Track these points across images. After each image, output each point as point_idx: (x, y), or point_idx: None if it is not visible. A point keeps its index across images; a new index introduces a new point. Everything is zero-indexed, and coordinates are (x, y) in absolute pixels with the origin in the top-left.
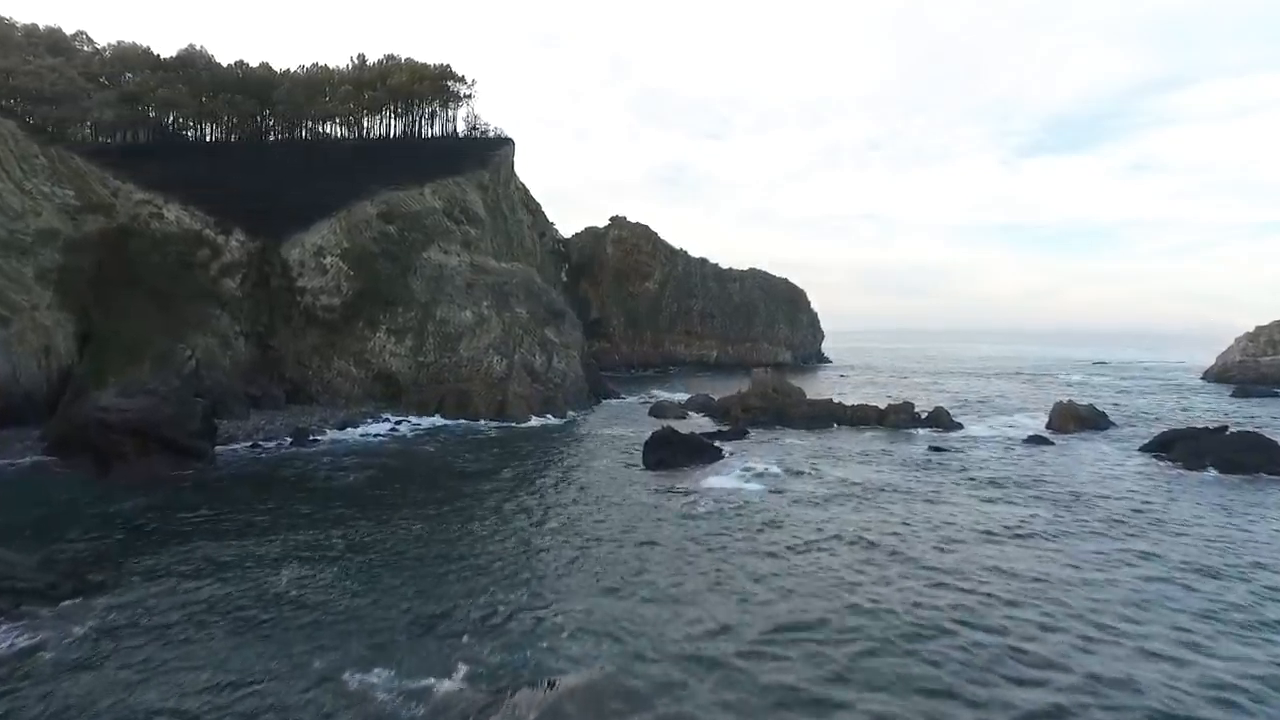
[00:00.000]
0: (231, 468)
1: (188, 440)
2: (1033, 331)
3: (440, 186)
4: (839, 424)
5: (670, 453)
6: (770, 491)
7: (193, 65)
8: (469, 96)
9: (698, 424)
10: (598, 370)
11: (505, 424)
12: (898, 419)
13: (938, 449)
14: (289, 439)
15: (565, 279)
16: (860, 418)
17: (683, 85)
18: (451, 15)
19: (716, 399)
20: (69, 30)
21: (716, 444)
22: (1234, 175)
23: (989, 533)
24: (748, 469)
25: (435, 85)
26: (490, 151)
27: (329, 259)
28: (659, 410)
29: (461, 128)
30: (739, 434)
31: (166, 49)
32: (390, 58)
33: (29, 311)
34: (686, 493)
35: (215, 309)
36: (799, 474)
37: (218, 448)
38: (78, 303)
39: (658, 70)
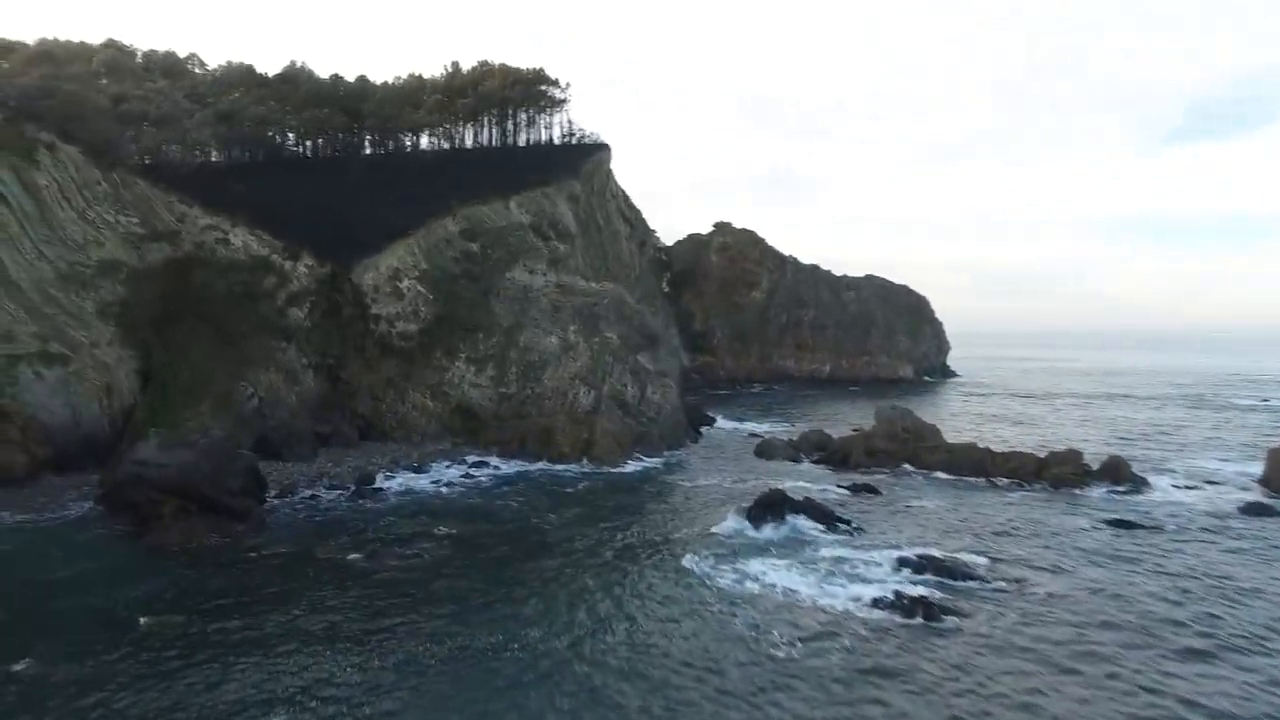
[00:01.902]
0: (276, 533)
1: (228, 500)
2: (1174, 336)
3: (527, 199)
4: (986, 477)
5: (778, 524)
6: (911, 609)
7: (293, 81)
8: (564, 101)
9: (811, 474)
10: (703, 386)
11: (594, 471)
12: (1062, 473)
13: (1124, 524)
14: (352, 486)
15: (666, 289)
16: (1013, 470)
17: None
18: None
19: (835, 438)
20: (183, 54)
21: (837, 512)
22: None
23: None
24: (874, 564)
25: (529, 89)
26: (583, 159)
27: (405, 282)
28: (765, 451)
29: (557, 134)
30: (865, 490)
31: (274, 68)
32: (483, 63)
33: (89, 349)
34: (789, 611)
35: (281, 341)
36: (945, 570)
37: (274, 499)
38: (140, 338)
39: (753, 70)
